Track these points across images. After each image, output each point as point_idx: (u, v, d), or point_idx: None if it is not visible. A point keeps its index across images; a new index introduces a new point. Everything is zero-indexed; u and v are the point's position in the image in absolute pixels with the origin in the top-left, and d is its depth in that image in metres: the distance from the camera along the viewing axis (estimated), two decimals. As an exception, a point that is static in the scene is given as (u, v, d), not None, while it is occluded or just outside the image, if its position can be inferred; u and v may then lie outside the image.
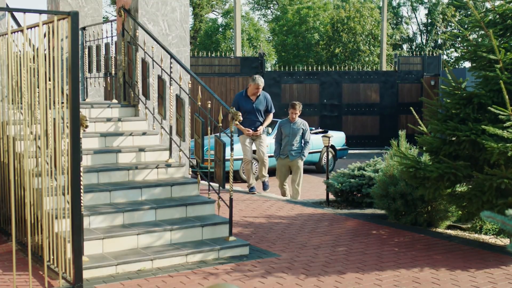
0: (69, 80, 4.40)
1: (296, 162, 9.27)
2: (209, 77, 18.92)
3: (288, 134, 9.28)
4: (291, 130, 9.28)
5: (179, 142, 6.44)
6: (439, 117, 6.17)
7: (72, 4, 8.17)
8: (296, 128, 9.32)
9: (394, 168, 7.15)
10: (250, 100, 9.05)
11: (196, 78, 6.35)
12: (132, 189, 5.80)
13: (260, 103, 9.13)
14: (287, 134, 9.29)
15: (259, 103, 9.13)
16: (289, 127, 9.33)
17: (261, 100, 9.14)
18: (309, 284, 4.74)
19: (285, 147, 9.32)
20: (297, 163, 9.27)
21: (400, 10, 39.09)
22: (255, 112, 9.07)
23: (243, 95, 9.10)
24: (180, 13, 7.25)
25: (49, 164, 4.81)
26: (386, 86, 21.00)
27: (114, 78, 7.63)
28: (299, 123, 9.37)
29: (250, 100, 9.05)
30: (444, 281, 4.84)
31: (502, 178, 5.36)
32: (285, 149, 9.32)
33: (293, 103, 9.43)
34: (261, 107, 9.13)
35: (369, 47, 30.59)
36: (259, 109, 9.10)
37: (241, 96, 9.13)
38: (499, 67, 5.79)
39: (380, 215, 7.53)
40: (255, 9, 41.22)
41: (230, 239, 5.60)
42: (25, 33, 4.65)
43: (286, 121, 9.49)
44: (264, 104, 9.17)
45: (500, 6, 6.20)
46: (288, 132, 9.30)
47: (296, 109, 9.38)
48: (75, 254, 4.50)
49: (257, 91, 9.00)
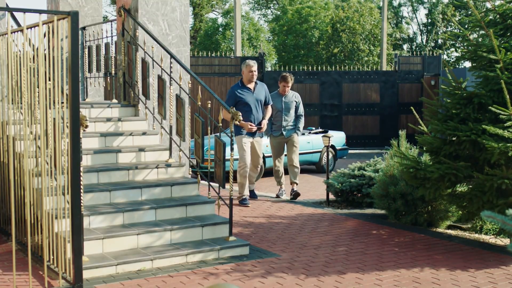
0: (69, 80, 4.40)
1: (292, 138, 8.64)
2: (209, 77, 18.92)
3: (280, 108, 8.61)
4: (283, 104, 8.62)
5: (179, 142, 6.44)
6: (439, 117, 6.16)
7: (72, 4, 8.16)
8: (289, 101, 8.67)
9: (394, 168, 7.15)
10: (249, 90, 7.98)
11: (196, 78, 6.34)
12: (132, 189, 5.79)
13: (259, 92, 8.08)
14: (279, 109, 8.62)
15: (259, 92, 8.07)
16: (280, 101, 8.64)
17: (260, 88, 8.12)
18: (309, 284, 4.73)
19: (278, 123, 8.64)
20: (293, 138, 8.65)
21: (401, 10, 39.10)
22: (257, 103, 8.01)
23: (239, 85, 8.02)
24: (180, 13, 7.24)
25: (49, 164, 4.80)
26: (386, 86, 20.99)
27: (114, 78, 7.63)
28: (290, 96, 8.72)
29: (249, 90, 7.98)
30: (444, 281, 4.83)
31: (503, 179, 5.35)
32: (277, 125, 8.63)
33: (284, 75, 8.67)
34: (261, 97, 8.08)
35: (369, 47, 30.59)
36: (260, 100, 8.06)
37: (238, 88, 8.00)
38: (500, 67, 5.79)
39: (380, 215, 7.53)
40: (255, 9, 41.22)
41: (230, 239, 5.60)
42: (25, 33, 4.64)
43: (276, 94, 8.73)
44: (263, 93, 8.14)
45: (501, 6, 6.19)
46: (279, 107, 8.61)
47: (288, 81, 8.64)
48: (75, 254, 4.50)
49: (252, 75, 7.90)
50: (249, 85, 7.99)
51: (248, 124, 7.84)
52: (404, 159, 6.33)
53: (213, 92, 6.22)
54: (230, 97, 7.95)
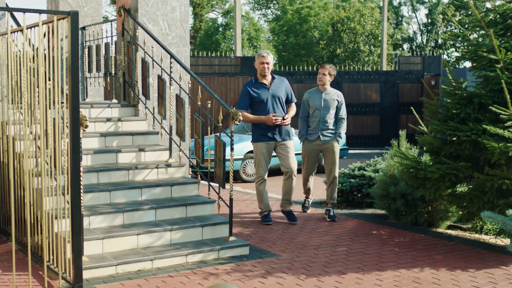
0: (69, 80, 4.40)
1: (331, 146, 7.18)
2: (209, 77, 18.91)
3: (319, 107, 7.15)
4: (322, 102, 7.17)
5: (179, 142, 6.44)
6: (439, 117, 6.16)
7: (72, 4, 8.16)
8: (329, 99, 7.20)
9: (395, 168, 7.14)
10: (263, 86, 6.83)
11: (196, 78, 6.34)
12: (132, 189, 5.79)
13: (278, 87, 6.85)
14: (317, 108, 7.16)
15: (276, 88, 6.84)
16: (319, 97, 7.18)
17: (278, 84, 6.88)
18: (309, 284, 4.73)
19: (315, 124, 7.17)
20: (333, 147, 7.18)
21: (401, 9, 39.09)
22: (275, 100, 6.80)
23: (253, 82, 6.90)
24: (180, 12, 7.24)
25: (49, 164, 4.80)
26: (387, 86, 20.98)
27: (114, 78, 7.63)
28: (332, 93, 7.25)
29: (264, 86, 6.83)
30: (445, 281, 4.83)
31: (503, 179, 5.35)
32: (315, 127, 7.17)
33: (323, 64, 7.31)
34: (280, 93, 6.84)
35: (369, 47, 30.58)
36: (278, 96, 6.82)
37: (252, 84, 6.88)
38: (500, 67, 5.78)
39: (380, 215, 7.52)
40: (255, 9, 41.22)
41: (230, 239, 5.59)
42: (25, 33, 4.64)
43: (315, 90, 7.31)
44: (283, 89, 6.90)
45: (501, 6, 6.19)
46: (318, 105, 7.16)
47: (325, 68, 7.18)
48: (75, 254, 4.50)
49: (263, 67, 6.75)
50: (263, 80, 6.83)
51: (270, 117, 6.68)
52: (404, 159, 6.32)
53: (213, 92, 6.21)
54: (243, 95, 6.85)
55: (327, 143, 7.19)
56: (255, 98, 6.79)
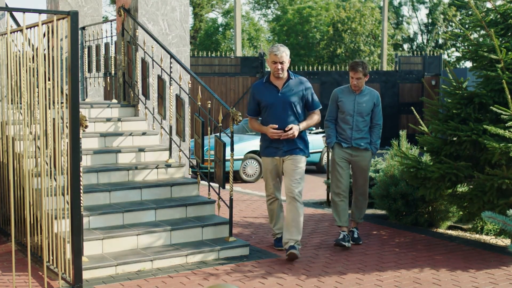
0: (68, 80, 4.39)
1: (365, 157, 6.00)
2: (209, 77, 18.91)
3: (351, 111, 5.93)
4: (355, 104, 5.94)
5: (179, 142, 6.43)
6: (440, 117, 6.15)
7: (71, 4, 8.15)
8: (363, 102, 5.96)
9: (395, 168, 7.14)
10: (273, 88, 5.55)
11: (196, 78, 6.33)
12: (132, 189, 5.78)
13: (291, 90, 5.52)
14: (348, 112, 5.95)
15: (289, 91, 5.52)
16: (352, 99, 5.95)
17: (293, 86, 5.54)
18: (310, 284, 4.72)
19: (347, 131, 5.97)
20: (367, 157, 6.01)
21: (401, 9, 39.10)
22: (286, 106, 5.49)
23: (263, 82, 5.65)
24: (180, 12, 7.23)
25: (49, 164, 4.79)
26: (387, 86, 20.98)
27: (113, 78, 7.62)
28: (367, 95, 6.00)
29: (274, 88, 5.56)
30: (445, 282, 4.82)
31: (503, 179, 5.34)
32: (346, 133, 5.97)
33: (354, 62, 5.98)
34: (294, 98, 5.51)
35: (370, 47, 30.58)
36: (289, 101, 5.49)
37: (260, 85, 5.66)
38: (500, 66, 5.78)
39: (380, 215, 7.52)
40: (255, 9, 41.22)
41: (230, 240, 5.59)
42: (25, 33, 4.63)
43: (346, 90, 6.04)
44: (299, 93, 5.55)
45: (501, 6, 6.18)
46: (350, 108, 5.93)
47: (358, 71, 5.86)
48: (74, 254, 4.49)
49: (277, 67, 5.45)
50: (276, 81, 5.57)
51: (269, 128, 5.49)
52: (404, 158, 6.31)
53: (213, 92, 6.21)
54: (250, 98, 5.75)
55: (361, 153, 5.99)
56: (261, 102, 5.59)
